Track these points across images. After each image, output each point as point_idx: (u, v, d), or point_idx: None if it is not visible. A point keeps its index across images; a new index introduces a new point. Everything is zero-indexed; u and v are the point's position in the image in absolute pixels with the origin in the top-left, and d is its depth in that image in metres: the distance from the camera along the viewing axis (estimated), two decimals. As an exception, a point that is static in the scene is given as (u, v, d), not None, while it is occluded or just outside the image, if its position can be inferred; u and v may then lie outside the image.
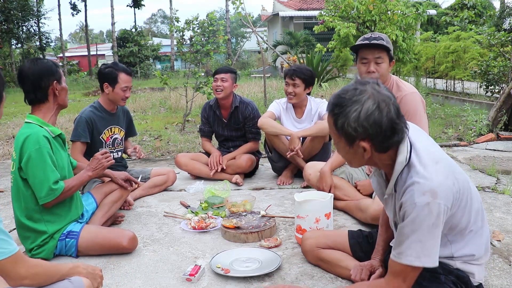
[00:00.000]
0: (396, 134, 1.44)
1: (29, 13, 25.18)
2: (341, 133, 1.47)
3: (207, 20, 6.83)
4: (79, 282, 1.56)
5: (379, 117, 1.40)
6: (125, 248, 2.38)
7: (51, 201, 2.23)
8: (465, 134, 5.67)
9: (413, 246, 1.44)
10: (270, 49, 13.73)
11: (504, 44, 7.86)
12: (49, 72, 2.27)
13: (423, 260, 1.44)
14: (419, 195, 1.41)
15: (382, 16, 8.84)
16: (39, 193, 2.21)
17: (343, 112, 1.43)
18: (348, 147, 1.49)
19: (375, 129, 1.41)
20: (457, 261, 1.60)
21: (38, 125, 2.25)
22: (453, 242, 1.58)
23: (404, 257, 1.46)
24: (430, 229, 1.42)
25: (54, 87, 2.29)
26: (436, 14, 21.47)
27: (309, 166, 3.16)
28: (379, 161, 1.54)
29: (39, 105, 2.30)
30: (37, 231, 2.29)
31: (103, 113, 3.30)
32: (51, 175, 2.21)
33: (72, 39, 67.37)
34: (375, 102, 1.40)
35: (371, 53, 2.55)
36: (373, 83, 1.45)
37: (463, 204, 1.51)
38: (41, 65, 2.28)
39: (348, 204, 2.89)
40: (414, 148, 1.50)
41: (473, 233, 1.58)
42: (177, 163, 3.99)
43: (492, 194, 3.27)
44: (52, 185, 2.20)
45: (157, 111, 9.86)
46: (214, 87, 3.84)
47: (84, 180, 2.43)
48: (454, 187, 1.45)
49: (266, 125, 3.62)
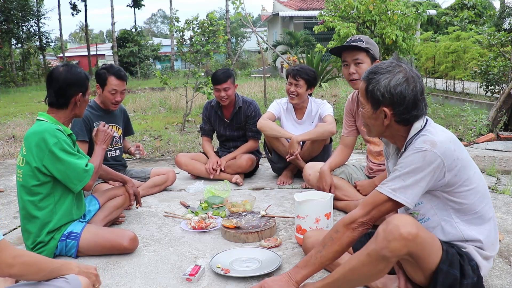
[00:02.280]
0: (416, 109, 1.60)
1: (29, 13, 25.20)
2: (369, 97, 1.64)
3: (207, 20, 6.83)
4: (76, 281, 1.55)
5: (405, 89, 1.57)
6: (126, 248, 2.38)
7: (88, 182, 2.29)
8: (465, 134, 5.67)
9: (395, 181, 1.57)
10: (270, 49, 13.73)
11: (504, 44, 7.86)
12: (79, 83, 2.32)
13: (397, 195, 1.56)
14: (420, 143, 1.56)
15: (382, 16, 8.83)
16: (74, 180, 2.25)
17: (376, 78, 1.61)
18: (372, 111, 1.65)
19: (400, 99, 1.58)
20: (471, 246, 1.63)
21: (50, 123, 2.27)
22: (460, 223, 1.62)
23: (384, 187, 1.60)
24: (417, 172, 1.53)
25: (78, 98, 2.33)
26: (436, 14, 21.47)
27: (309, 167, 3.15)
28: (396, 132, 1.68)
29: (57, 109, 2.33)
30: (44, 222, 2.27)
31: (100, 112, 3.30)
32: (80, 161, 2.26)
33: (72, 39, 67.36)
34: (405, 76, 1.58)
35: (350, 55, 2.68)
36: (407, 63, 1.63)
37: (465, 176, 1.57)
38: (73, 73, 2.32)
39: (349, 204, 2.89)
40: (429, 122, 1.66)
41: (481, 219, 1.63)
42: (177, 163, 3.98)
43: (492, 194, 3.27)
44: (85, 168, 2.27)
45: (157, 111, 9.86)
46: (218, 97, 3.81)
47: (102, 153, 2.51)
48: (454, 152, 1.56)
49: (265, 127, 3.59)
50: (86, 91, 2.37)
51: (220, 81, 3.75)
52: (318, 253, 1.67)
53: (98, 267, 2.26)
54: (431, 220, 1.66)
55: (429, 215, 1.64)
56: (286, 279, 1.71)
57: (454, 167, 1.55)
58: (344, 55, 2.72)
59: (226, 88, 3.74)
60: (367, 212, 1.60)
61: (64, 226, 2.36)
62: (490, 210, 1.67)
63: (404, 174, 1.55)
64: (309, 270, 1.70)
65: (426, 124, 1.64)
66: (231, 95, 3.79)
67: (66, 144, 2.23)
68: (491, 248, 1.66)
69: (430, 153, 1.52)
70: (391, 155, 1.83)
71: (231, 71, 3.88)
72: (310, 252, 1.72)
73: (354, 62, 2.68)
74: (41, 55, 29.71)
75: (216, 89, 3.80)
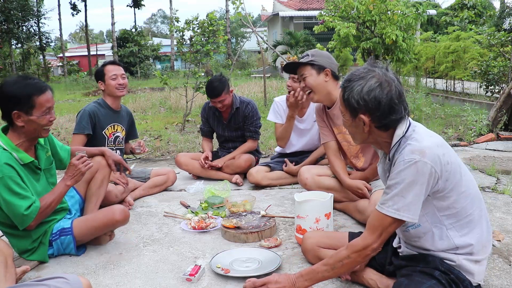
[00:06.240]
0: (394, 113, 1.57)
1: (29, 13, 25.19)
2: (346, 105, 1.64)
3: (207, 20, 6.83)
4: (77, 281, 1.54)
5: (379, 94, 1.56)
6: (118, 221, 2.36)
7: (30, 223, 2.12)
8: (465, 134, 5.67)
9: (395, 199, 1.54)
10: (270, 49, 13.73)
11: (504, 44, 7.86)
12: (13, 100, 2.07)
13: (402, 214, 1.54)
14: (408, 154, 1.53)
15: (382, 16, 8.84)
16: (15, 219, 2.11)
17: (350, 86, 1.61)
18: (351, 120, 1.66)
19: (374, 104, 1.56)
20: (461, 256, 1.62)
21: (5, 149, 2.09)
22: (452, 229, 1.61)
23: (386, 208, 1.56)
24: (414, 185, 1.51)
25: (18, 116, 2.09)
26: (436, 14, 21.48)
27: (305, 171, 3.06)
28: (380, 138, 1.66)
29: (11, 128, 2.16)
30: (20, 236, 2.23)
31: (107, 110, 3.35)
32: (21, 203, 2.07)
33: (72, 39, 67.32)
34: (378, 81, 1.57)
35: (298, 73, 2.84)
36: (382, 67, 1.61)
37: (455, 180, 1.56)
38: (11, 89, 2.07)
39: (347, 206, 2.89)
40: (412, 126, 1.62)
41: (472, 223, 1.62)
42: (177, 162, 3.99)
43: (492, 194, 3.27)
44: (24, 212, 2.07)
45: (157, 111, 9.86)
46: (215, 107, 3.82)
47: (63, 191, 2.26)
48: (443, 157, 1.53)
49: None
50: (29, 109, 2.08)
51: (214, 96, 3.73)
52: (326, 272, 1.70)
53: (98, 267, 2.27)
54: (422, 227, 1.64)
55: (420, 221, 1.61)
56: (290, 282, 1.74)
57: (445, 171, 1.53)
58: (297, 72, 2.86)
59: (221, 100, 3.75)
60: (377, 237, 1.59)
61: (49, 228, 2.31)
62: (482, 211, 1.65)
63: (402, 191, 1.52)
64: (312, 283, 1.75)
65: (409, 128, 1.60)
66: (227, 104, 3.80)
67: (11, 181, 2.04)
68: (482, 251, 1.64)
69: (421, 163, 1.49)
70: (380, 158, 1.81)
71: (224, 80, 3.77)
72: (317, 265, 1.74)
73: (301, 78, 2.79)
74: (41, 55, 29.72)
75: (212, 101, 3.81)
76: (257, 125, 3.93)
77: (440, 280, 1.57)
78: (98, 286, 2.06)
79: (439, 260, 1.62)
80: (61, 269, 2.25)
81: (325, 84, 2.75)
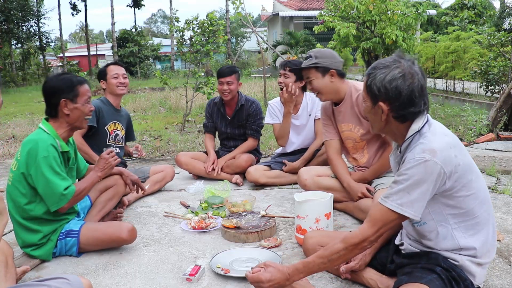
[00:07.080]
0: (413, 106, 1.58)
1: (29, 13, 25.20)
2: (368, 91, 1.66)
3: (207, 20, 6.83)
4: (77, 282, 1.55)
5: (401, 85, 1.57)
6: (125, 240, 2.38)
7: (64, 205, 2.22)
8: (465, 134, 5.67)
9: (400, 194, 1.55)
10: (270, 49, 13.73)
11: (504, 44, 7.86)
12: (60, 90, 2.28)
13: (404, 209, 1.54)
14: (419, 152, 1.54)
15: (382, 16, 8.85)
16: (50, 199, 2.20)
17: (373, 73, 1.63)
18: (371, 106, 1.67)
19: (395, 94, 1.58)
20: (464, 257, 1.62)
21: (49, 134, 2.26)
22: (457, 229, 1.61)
23: (389, 202, 1.57)
24: (420, 183, 1.52)
25: (64, 105, 2.28)
26: (436, 14, 21.48)
27: (304, 172, 3.06)
28: (396, 130, 1.67)
29: (54, 119, 2.33)
30: (32, 229, 2.27)
31: (110, 107, 3.43)
32: (61, 183, 2.20)
33: (72, 39, 67.29)
34: (402, 71, 1.58)
35: (304, 75, 2.84)
36: (408, 59, 1.62)
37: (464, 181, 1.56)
38: (56, 81, 2.30)
39: (348, 205, 2.89)
40: (429, 122, 1.63)
41: (479, 225, 1.62)
42: (177, 162, 3.99)
43: (492, 194, 3.27)
44: (63, 192, 2.20)
45: (157, 111, 9.86)
46: (221, 90, 3.82)
47: (95, 181, 2.43)
48: (455, 159, 1.53)
49: None
50: (74, 97, 2.29)
51: (224, 74, 3.78)
52: (322, 264, 1.69)
53: (98, 267, 2.27)
54: (427, 225, 1.64)
55: (425, 219, 1.62)
56: (284, 277, 1.70)
57: (455, 173, 1.53)
58: None
59: (229, 82, 3.77)
60: (377, 230, 1.59)
61: (59, 227, 2.35)
62: (489, 215, 1.65)
63: (409, 187, 1.53)
64: (307, 275, 1.73)
65: (425, 125, 1.61)
66: (233, 90, 3.80)
67: (54, 161, 2.20)
68: (486, 255, 1.64)
69: (431, 162, 1.50)
70: (393, 149, 1.82)
71: (238, 68, 3.94)
72: (312, 258, 1.70)
73: (308, 81, 2.81)
74: (41, 55, 29.72)
75: (219, 82, 3.82)
76: (259, 124, 3.94)
77: (441, 276, 1.57)
78: (98, 286, 2.06)
79: (442, 257, 1.63)
80: (61, 269, 2.26)
81: (331, 85, 2.75)
